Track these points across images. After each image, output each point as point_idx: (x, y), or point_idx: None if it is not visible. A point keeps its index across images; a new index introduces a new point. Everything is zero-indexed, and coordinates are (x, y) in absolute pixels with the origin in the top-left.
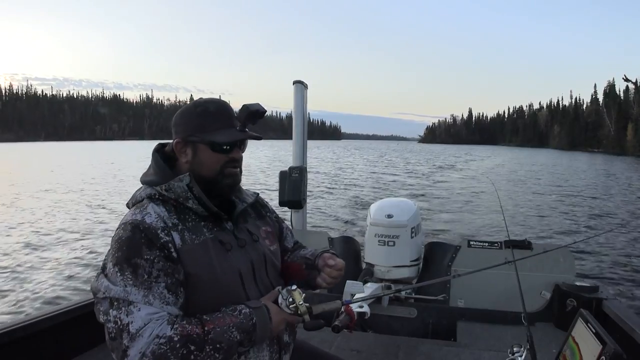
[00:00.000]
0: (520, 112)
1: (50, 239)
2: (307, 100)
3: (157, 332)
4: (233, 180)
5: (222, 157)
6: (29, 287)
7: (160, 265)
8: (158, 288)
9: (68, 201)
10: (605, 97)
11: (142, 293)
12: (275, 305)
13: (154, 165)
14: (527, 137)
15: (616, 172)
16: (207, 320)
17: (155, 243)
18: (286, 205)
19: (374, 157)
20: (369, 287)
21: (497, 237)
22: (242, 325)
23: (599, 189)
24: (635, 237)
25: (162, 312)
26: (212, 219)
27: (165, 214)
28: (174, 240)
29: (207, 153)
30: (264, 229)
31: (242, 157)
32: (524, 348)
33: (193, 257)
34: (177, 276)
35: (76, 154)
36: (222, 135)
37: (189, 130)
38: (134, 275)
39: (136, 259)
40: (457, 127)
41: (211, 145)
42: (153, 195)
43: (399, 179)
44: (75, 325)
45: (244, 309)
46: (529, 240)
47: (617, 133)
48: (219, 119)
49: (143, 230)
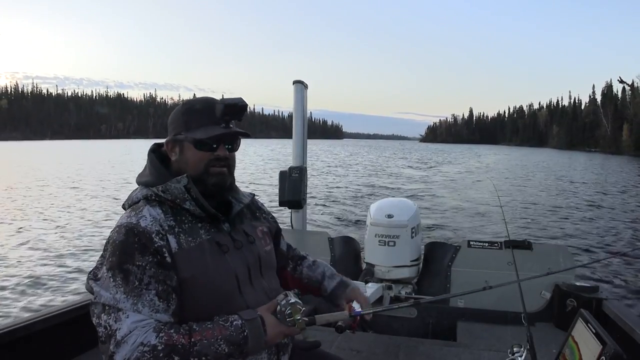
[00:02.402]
0: (520, 112)
1: (54, 238)
2: (308, 99)
3: (142, 340)
4: (219, 180)
5: (206, 155)
6: (29, 286)
7: (152, 272)
8: (148, 295)
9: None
10: (603, 97)
11: (131, 301)
12: (273, 317)
13: (149, 165)
14: (526, 136)
15: (613, 172)
16: (196, 331)
17: (149, 248)
18: (286, 205)
19: (375, 156)
20: (370, 288)
21: (497, 237)
22: (231, 337)
23: (597, 189)
24: (635, 237)
25: (150, 319)
26: (209, 220)
27: (161, 217)
28: (169, 245)
29: (192, 151)
30: (260, 229)
31: (230, 155)
32: (524, 348)
33: (189, 261)
34: (169, 283)
35: (94, 152)
36: (202, 132)
37: (177, 129)
38: (125, 282)
39: (128, 265)
40: (458, 127)
41: (194, 143)
42: (149, 197)
43: (398, 178)
44: (74, 326)
45: (235, 320)
46: (529, 241)
47: (613, 133)
48: (202, 116)
49: (137, 234)
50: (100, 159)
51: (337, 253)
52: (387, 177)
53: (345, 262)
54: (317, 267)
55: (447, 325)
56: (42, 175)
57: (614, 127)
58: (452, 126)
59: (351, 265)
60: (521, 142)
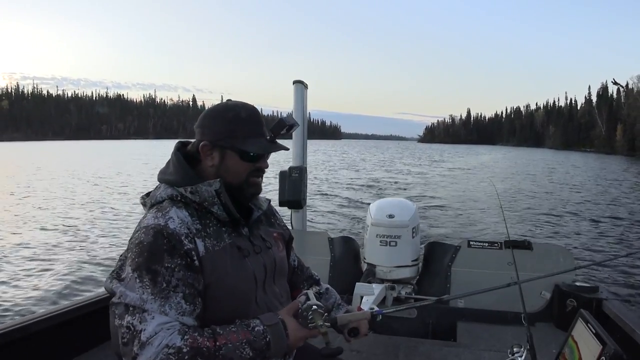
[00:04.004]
0: (517, 113)
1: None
2: (307, 100)
3: (167, 342)
4: (256, 189)
5: (249, 166)
6: (29, 286)
7: (181, 275)
8: (176, 298)
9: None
10: (599, 98)
11: (158, 302)
12: (294, 321)
13: (175, 164)
14: (523, 137)
15: (609, 172)
16: (220, 335)
17: (179, 250)
18: (286, 206)
19: (375, 156)
20: (375, 288)
21: (497, 237)
22: (254, 343)
23: (597, 188)
24: (635, 237)
25: (175, 322)
26: (231, 225)
27: (188, 219)
28: (197, 248)
29: (235, 160)
30: (275, 235)
31: (268, 166)
32: (524, 348)
33: (214, 264)
34: (196, 286)
35: (106, 153)
36: (253, 145)
37: (219, 135)
38: (153, 283)
39: (156, 265)
40: (455, 127)
41: (240, 154)
42: (174, 197)
43: (398, 178)
44: (75, 325)
45: (257, 325)
46: (528, 241)
47: (607, 133)
48: (250, 126)
49: (167, 236)
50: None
51: (337, 253)
52: (387, 176)
53: (345, 262)
54: (329, 296)
55: (447, 325)
56: (80, 176)
57: (609, 127)
58: (450, 127)
59: (351, 265)
60: (518, 143)
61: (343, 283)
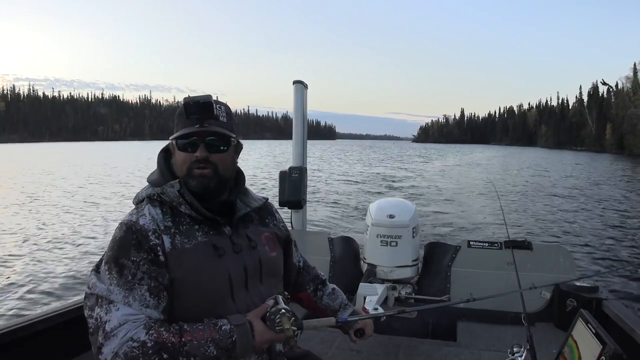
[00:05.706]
0: (510, 112)
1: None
2: (307, 100)
3: (132, 335)
4: (200, 182)
5: (188, 157)
6: (29, 286)
7: (145, 268)
8: (140, 290)
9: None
10: (589, 98)
11: (123, 294)
12: (262, 324)
13: (157, 165)
14: (516, 136)
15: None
16: (187, 331)
17: (144, 245)
18: (286, 206)
19: (374, 156)
20: (378, 289)
21: (497, 237)
22: (220, 341)
23: (595, 188)
24: (635, 236)
25: (140, 314)
26: (209, 223)
27: (159, 217)
28: (163, 244)
29: (177, 153)
30: (266, 234)
31: (215, 157)
32: (524, 348)
33: (181, 261)
34: (161, 280)
35: (110, 155)
36: (179, 132)
37: (172, 132)
38: (119, 275)
39: (124, 259)
40: (449, 127)
41: (177, 145)
42: (152, 196)
43: (398, 178)
44: (74, 326)
45: (224, 324)
46: (529, 241)
47: (597, 132)
48: (181, 116)
49: (135, 231)
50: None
51: (337, 253)
52: (387, 176)
53: (345, 262)
54: (336, 297)
55: (447, 325)
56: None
57: (599, 126)
58: (443, 126)
59: (351, 265)
60: (511, 142)
61: (343, 283)
